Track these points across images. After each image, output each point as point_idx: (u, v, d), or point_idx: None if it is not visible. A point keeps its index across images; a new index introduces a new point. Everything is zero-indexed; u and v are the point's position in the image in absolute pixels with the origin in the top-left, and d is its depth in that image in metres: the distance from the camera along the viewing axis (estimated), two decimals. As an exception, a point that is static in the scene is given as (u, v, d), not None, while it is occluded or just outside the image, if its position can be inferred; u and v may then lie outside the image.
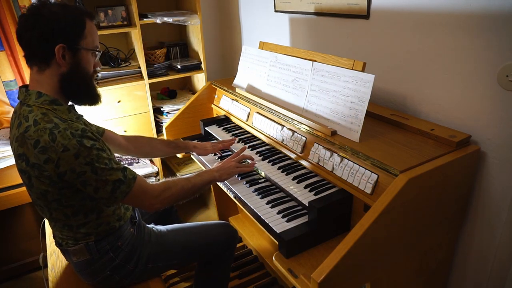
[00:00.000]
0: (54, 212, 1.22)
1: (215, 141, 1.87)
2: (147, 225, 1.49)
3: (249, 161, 1.57)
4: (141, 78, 2.34)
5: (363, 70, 1.30)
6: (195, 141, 1.81)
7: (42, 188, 1.15)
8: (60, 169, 1.10)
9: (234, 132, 1.86)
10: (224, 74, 2.98)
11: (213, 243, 1.54)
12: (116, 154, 1.64)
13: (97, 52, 1.23)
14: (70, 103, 1.25)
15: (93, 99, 1.27)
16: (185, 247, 1.48)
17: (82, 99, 1.25)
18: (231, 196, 1.50)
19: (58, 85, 1.17)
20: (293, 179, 1.42)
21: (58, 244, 1.37)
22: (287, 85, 1.61)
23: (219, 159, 1.72)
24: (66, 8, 1.13)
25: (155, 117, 2.46)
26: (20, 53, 2.30)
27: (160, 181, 1.34)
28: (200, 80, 2.59)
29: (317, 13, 1.84)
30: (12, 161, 2.13)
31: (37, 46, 1.12)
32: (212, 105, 2.16)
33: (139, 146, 1.68)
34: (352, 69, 1.33)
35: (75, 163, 1.09)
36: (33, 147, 1.09)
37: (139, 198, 1.23)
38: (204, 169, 1.78)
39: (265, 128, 1.67)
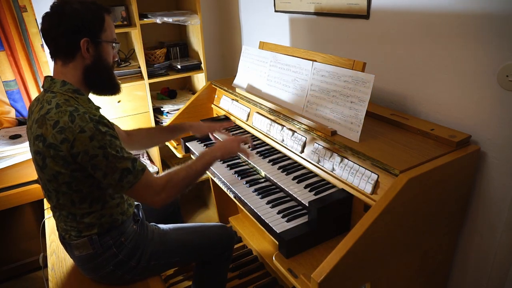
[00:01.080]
0: (62, 197, 1.24)
1: (219, 122, 1.88)
2: (149, 224, 1.50)
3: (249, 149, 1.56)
4: (141, 78, 2.34)
5: (363, 70, 1.30)
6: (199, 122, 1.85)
7: (55, 170, 1.18)
8: (74, 150, 1.14)
9: (234, 132, 1.86)
10: (224, 74, 2.98)
11: (213, 243, 1.55)
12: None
13: (115, 44, 1.31)
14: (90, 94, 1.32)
15: (113, 88, 1.35)
16: (186, 246, 1.50)
17: (104, 89, 1.34)
18: (231, 196, 1.50)
19: (81, 76, 1.25)
20: (293, 179, 1.42)
21: (61, 238, 1.38)
22: (287, 85, 1.61)
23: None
24: (86, 4, 1.21)
25: (155, 117, 2.46)
26: (20, 53, 2.30)
27: (164, 173, 1.34)
28: (200, 80, 2.59)
29: (317, 13, 1.84)
30: (12, 161, 2.13)
31: (63, 41, 1.19)
32: (212, 105, 2.16)
33: (139, 140, 1.72)
34: (352, 69, 1.33)
35: (89, 145, 1.14)
36: (52, 127, 1.14)
37: (143, 192, 1.24)
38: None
39: (265, 128, 1.67)
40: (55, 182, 1.21)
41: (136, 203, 1.51)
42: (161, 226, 1.52)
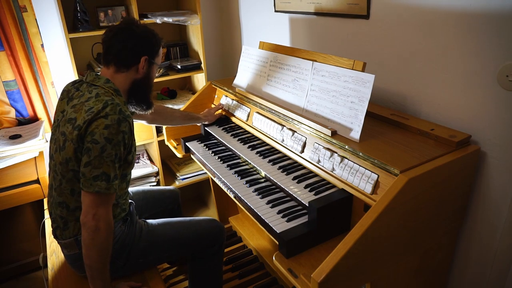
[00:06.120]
0: (65, 182, 1.28)
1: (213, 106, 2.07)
2: (138, 220, 1.51)
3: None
4: (141, 78, 2.34)
5: (363, 70, 1.30)
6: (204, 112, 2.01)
7: (69, 155, 1.24)
8: (88, 129, 1.20)
9: (234, 132, 1.86)
10: (224, 74, 2.98)
11: (202, 236, 1.58)
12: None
13: (160, 69, 1.47)
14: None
15: (149, 105, 1.50)
16: (174, 241, 1.52)
17: (142, 103, 1.46)
18: (231, 196, 1.50)
19: (128, 87, 1.39)
20: (293, 179, 1.42)
21: (54, 235, 1.41)
22: (287, 85, 1.61)
23: (219, 159, 1.72)
24: (149, 29, 1.41)
25: (155, 117, 2.46)
26: (20, 53, 2.29)
27: (109, 228, 1.25)
28: (200, 80, 2.59)
29: (317, 13, 1.84)
30: (12, 161, 2.13)
31: (127, 53, 1.34)
32: (212, 105, 2.16)
33: (160, 119, 1.87)
34: (352, 69, 1.33)
35: (99, 131, 1.20)
36: (85, 111, 1.23)
37: (94, 205, 1.21)
38: (204, 169, 1.81)
39: (265, 128, 1.67)
40: (65, 166, 1.26)
41: (130, 201, 1.51)
42: (150, 221, 1.53)
